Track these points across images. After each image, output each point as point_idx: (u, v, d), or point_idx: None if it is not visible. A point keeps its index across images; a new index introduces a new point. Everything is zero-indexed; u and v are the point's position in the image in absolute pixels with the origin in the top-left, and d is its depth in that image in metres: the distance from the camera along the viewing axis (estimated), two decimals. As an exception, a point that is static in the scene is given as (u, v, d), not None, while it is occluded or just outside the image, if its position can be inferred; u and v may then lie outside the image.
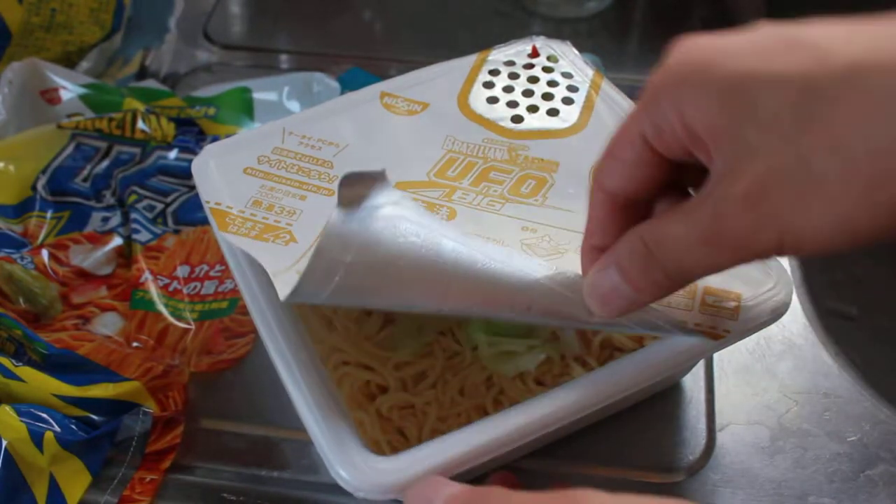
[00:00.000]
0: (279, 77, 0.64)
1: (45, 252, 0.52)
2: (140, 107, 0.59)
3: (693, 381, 0.48)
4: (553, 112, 0.46)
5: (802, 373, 0.48)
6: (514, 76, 0.48)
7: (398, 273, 0.33)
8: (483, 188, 0.41)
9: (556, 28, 0.74)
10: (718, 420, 0.46)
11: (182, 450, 0.46)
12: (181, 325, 0.50)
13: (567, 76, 0.48)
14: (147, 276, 0.52)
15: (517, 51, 0.49)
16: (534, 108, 0.46)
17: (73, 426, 0.44)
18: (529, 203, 0.41)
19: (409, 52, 0.70)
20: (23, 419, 0.43)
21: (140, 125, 0.58)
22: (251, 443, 0.46)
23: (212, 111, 0.61)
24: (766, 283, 0.38)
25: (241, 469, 0.45)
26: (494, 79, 0.48)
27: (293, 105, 0.62)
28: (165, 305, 0.51)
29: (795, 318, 0.51)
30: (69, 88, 0.60)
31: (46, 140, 0.57)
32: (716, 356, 0.49)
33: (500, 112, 0.46)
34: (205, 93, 0.64)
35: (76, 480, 0.43)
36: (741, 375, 0.48)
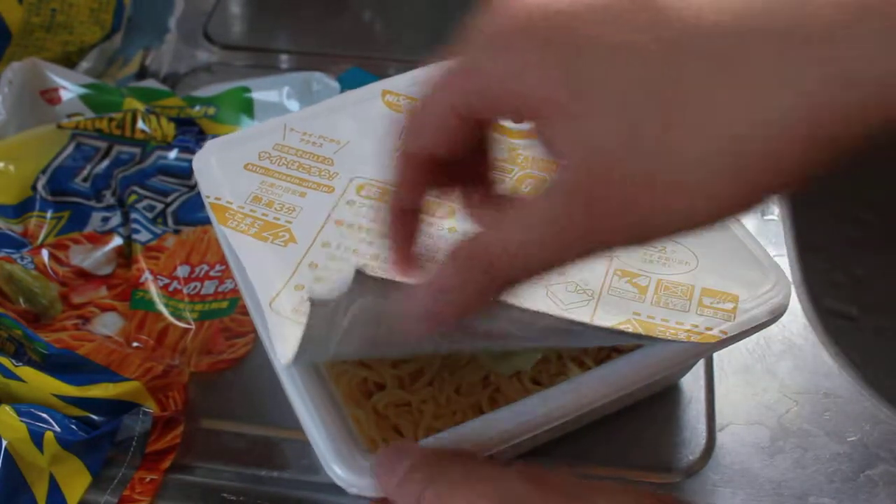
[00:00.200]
0: (279, 77, 0.64)
1: (45, 252, 0.52)
2: (140, 107, 0.59)
3: (693, 381, 0.48)
4: None
5: (802, 373, 0.48)
6: None
7: (396, 323, 0.32)
8: None
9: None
10: (718, 420, 0.46)
11: (182, 450, 0.46)
12: (181, 325, 0.50)
13: None
14: (147, 276, 0.52)
15: None
16: None
17: (73, 426, 0.44)
18: None
19: (409, 52, 0.70)
20: (23, 419, 0.43)
21: (140, 125, 0.58)
22: (251, 443, 0.46)
23: (212, 111, 0.61)
24: (764, 285, 0.38)
25: (241, 469, 0.45)
26: None
27: (293, 105, 0.62)
28: (165, 305, 0.51)
29: (795, 318, 0.51)
30: (69, 88, 0.60)
31: (46, 140, 0.57)
32: (716, 356, 0.49)
33: None
34: (205, 93, 0.64)
35: (76, 480, 0.43)
36: (741, 375, 0.48)
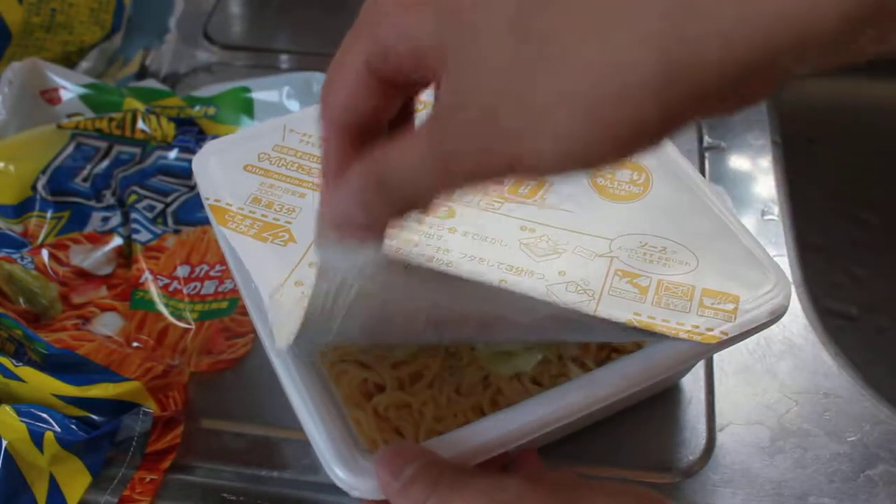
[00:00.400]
0: (279, 77, 0.64)
1: (45, 252, 0.52)
2: (140, 107, 0.59)
3: (693, 381, 0.48)
4: None
5: (802, 373, 0.48)
6: None
7: (398, 308, 0.32)
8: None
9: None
10: (718, 420, 0.46)
11: (182, 450, 0.46)
12: (181, 325, 0.50)
13: None
14: (147, 276, 0.52)
15: None
16: None
17: (73, 426, 0.44)
18: (528, 203, 0.41)
19: (409, 52, 0.70)
20: (23, 419, 0.43)
21: (140, 125, 0.58)
22: (251, 443, 0.46)
23: (212, 111, 0.61)
24: (765, 286, 0.38)
25: (241, 469, 0.45)
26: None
27: (293, 105, 0.62)
28: (165, 305, 0.51)
29: (795, 318, 0.51)
30: (69, 88, 0.60)
31: (46, 140, 0.57)
32: (716, 356, 0.49)
33: None
34: (205, 93, 0.64)
35: (76, 480, 0.44)
36: (741, 375, 0.48)
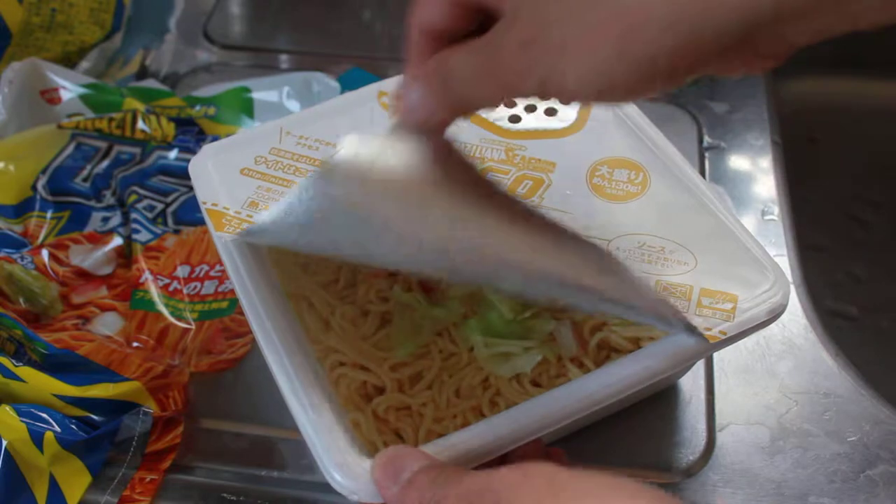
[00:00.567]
0: (279, 77, 0.64)
1: (45, 252, 0.52)
2: (140, 107, 0.59)
3: (693, 381, 0.48)
4: (551, 111, 0.46)
5: (802, 373, 0.48)
6: None
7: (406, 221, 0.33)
8: None
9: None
10: (718, 420, 0.46)
11: (182, 450, 0.46)
12: (181, 325, 0.50)
13: None
14: (147, 276, 0.52)
15: None
16: (531, 108, 0.46)
17: (74, 426, 0.44)
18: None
19: (409, 52, 0.70)
20: (23, 419, 0.43)
21: (140, 125, 0.58)
22: (251, 443, 0.46)
23: (212, 111, 0.61)
24: (763, 285, 0.38)
25: (241, 469, 0.45)
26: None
27: (293, 105, 0.62)
28: (165, 305, 0.51)
29: (795, 318, 0.51)
30: (69, 88, 0.60)
31: (46, 140, 0.57)
32: (716, 356, 0.49)
33: (498, 111, 0.46)
34: (205, 93, 0.64)
35: (76, 480, 0.44)
36: (741, 375, 0.48)
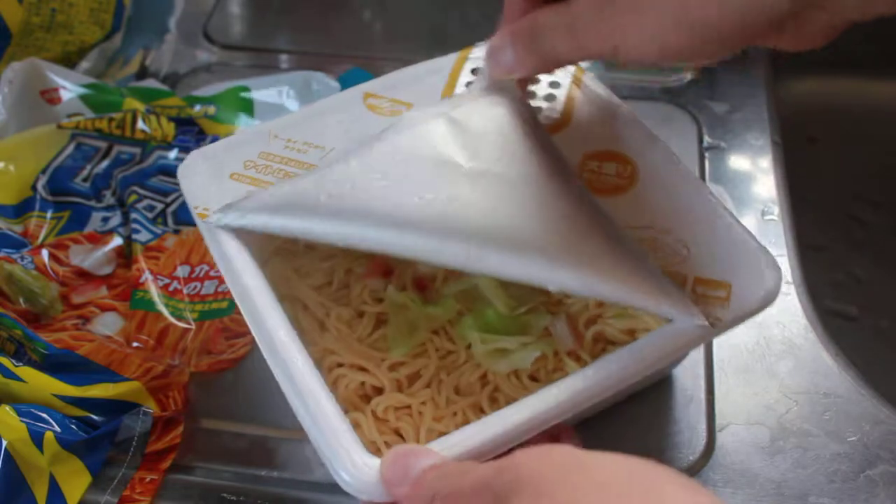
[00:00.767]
0: (279, 76, 0.64)
1: (45, 252, 0.52)
2: (140, 107, 0.59)
3: (693, 381, 0.48)
4: (536, 109, 0.46)
5: (802, 373, 0.48)
6: None
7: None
8: None
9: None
10: (718, 420, 0.46)
11: (182, 450, 0.46)
12: (181, 325, 0.50)
13: None
14: (147, 276, 0.52)
15: None
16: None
17: (74, 426, 0.44)
18: None
19: (409, 52, 0.70)
20: (23, 419, 0.43)
21: (140, 125, 0.58)
22: (251, 443, 0.46)
23: (211, 110, 0.61)
24: (756, 272, 0.38)
25: (241, 469, 0.45)
26: (476, 77, 0.46)
27: (293, 105, 0.62)
28: (165, 305, 0.51)
29: (795, 318, 0.51)
30: (69, 88, 0.60)
31: (46, 140, 0.57)
32: (716, 356, 0.49)
33: None
34: (205, 92, 0.64)
35: (76, 480, 0.44)
36: (741, 375, 0.48)
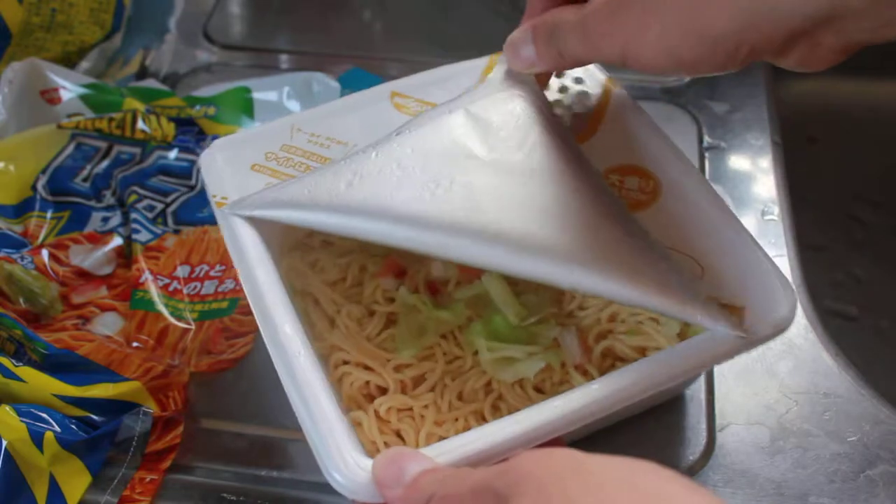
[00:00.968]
0: (279, 77, 0.64)
1: (45, 252, 0.52)
2: (140, 107, 0.59)
3: (693, 382, 0.48)
4: (565, 118, 0.45)
5: (802, 373, 0.48)
6: None
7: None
8: None
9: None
10: (718, 420, 0.46)
11: (182, 450, 0.46)
12: (181, 325, 0.50)
13: (578, 81, 0.46)
14: (147, 276, 0.52)
15: None
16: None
17: (74, 426, 0.44)
18: None
19: (409, 52, 0.70)
20: (23, 419, 0.43)
21: (140, 125, 0.58)
22: (251, 443, 0.46)
23: (211, 111, 0.61)
24: (770, 298, 0.37)
25: (241, 469, 0.45)
26: (494, 70, 0.45)
27: (293, 105, 0.62)
28: (165, 305, 0.51)
29: (795, 319, 0.51)
30: (69, 88, 0.60)
31: (46, 140, 0.57)
32: (716, 356, 0.49)
33: None
34: (205, 93, 0.64)
35: (76, 480, 0.44)
36: (741, 375, 0.48)
